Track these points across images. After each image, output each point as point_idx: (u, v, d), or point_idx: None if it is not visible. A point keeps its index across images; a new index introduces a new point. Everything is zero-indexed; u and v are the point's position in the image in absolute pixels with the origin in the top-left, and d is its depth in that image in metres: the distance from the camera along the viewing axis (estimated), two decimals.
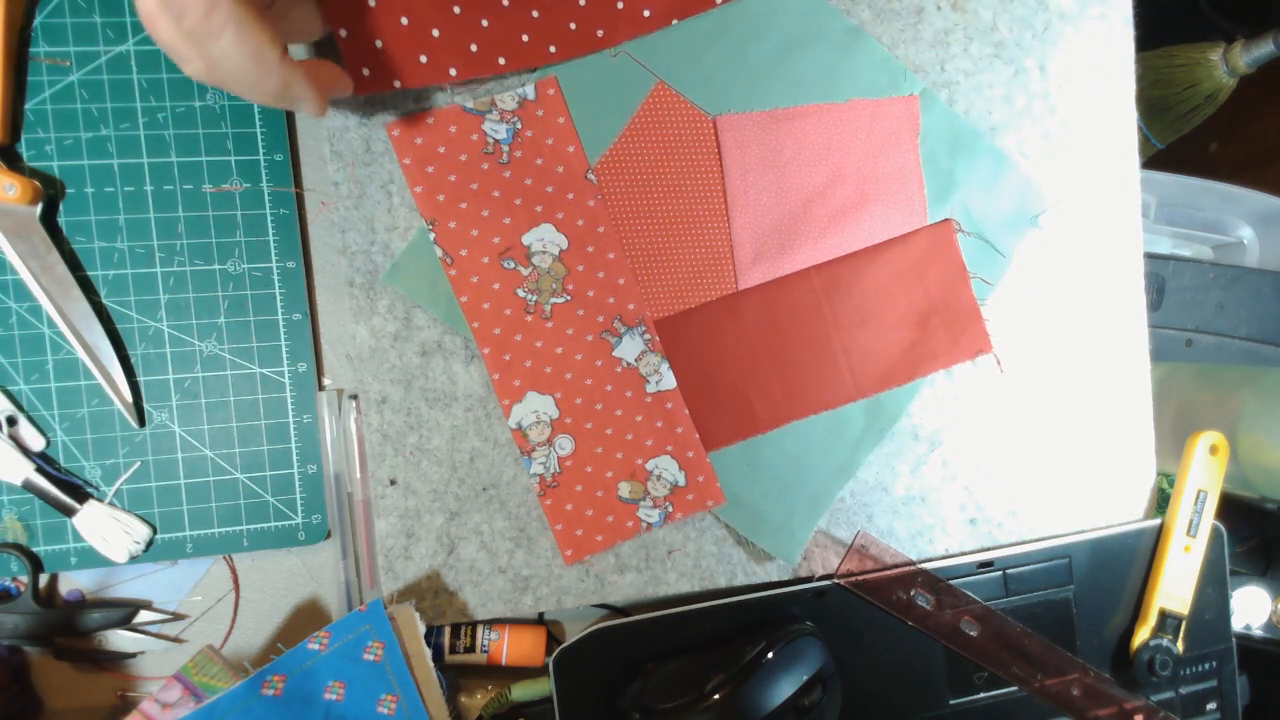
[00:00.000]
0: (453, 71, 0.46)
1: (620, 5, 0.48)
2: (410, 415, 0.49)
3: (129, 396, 0.47)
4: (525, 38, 0.47)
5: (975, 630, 0.52)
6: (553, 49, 0.48)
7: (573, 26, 0.48)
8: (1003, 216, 0.54)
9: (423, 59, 0.45)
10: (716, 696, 0.46)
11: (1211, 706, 0.56)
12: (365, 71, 0.44)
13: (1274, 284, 0.76)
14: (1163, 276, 0.74)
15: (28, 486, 0.46)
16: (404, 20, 0.44)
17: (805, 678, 0.47)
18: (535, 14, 0.47)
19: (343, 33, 0.43)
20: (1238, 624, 0.63)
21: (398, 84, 0.45)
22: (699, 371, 0.51)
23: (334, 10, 0.43)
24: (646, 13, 0.49)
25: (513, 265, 0.49)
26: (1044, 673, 0.52)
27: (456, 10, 0.46)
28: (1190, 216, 0.83)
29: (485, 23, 0.46)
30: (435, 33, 0.45)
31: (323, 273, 0.50)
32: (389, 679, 0.46)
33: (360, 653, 0.46)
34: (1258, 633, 0.64)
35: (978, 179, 0.53)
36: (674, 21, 0.49)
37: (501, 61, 0.47)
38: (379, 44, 0.44)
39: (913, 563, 0.52)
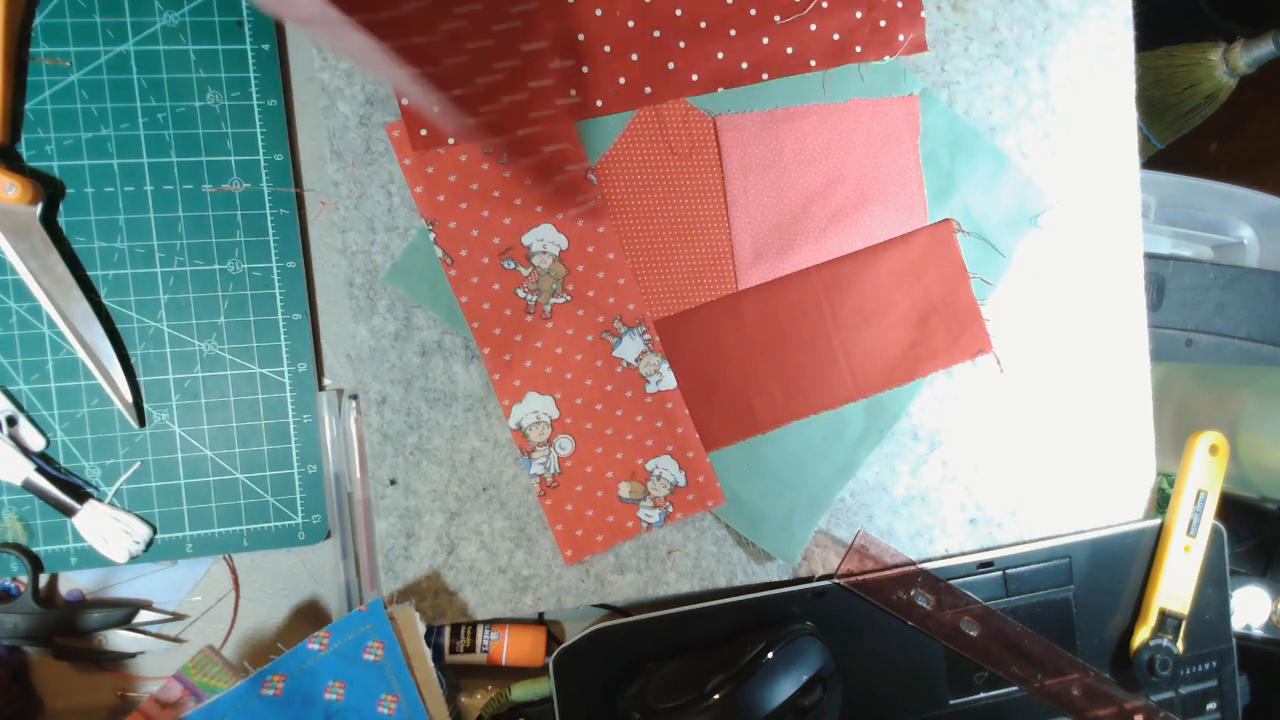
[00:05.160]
0: None
1: (671, 66, 0.49)
2: (410, 415, 0.49)
3: (129, 396, 0.47)
4: (573, 93, 0.49)
5: (975, 630, 0.52)
6: (599, 103, 0.49)
7: (622, 81, 0.49)
8: (1003, 216, 0.54)
9: (472, 120, 0.48)
10: (716, 696, 0.46)
11: (1211, 706, 0.56)
12: (423, 132, 0.48)
13: (1274, 284, 0.76)
14: (1163, 276, 0.74)
15: (28, 486, 0.46)
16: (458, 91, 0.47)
17: (805, 678, 0.47)
18: (585, 70, 0.48)
19: (404, 100, 0.47)
20: (1238, 624, 0.63)
21: (451, 141, 0.48)
22: (699, 371, 0.51)
23: (400, 82, 0.47)
24: (694, 76, 0.50)
25: (513, 265, 0.49)
26: (1044, 673, 0.52)
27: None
28: (1190, 216, 0.83)
29: (533, 84, 0.48)
30: None
31: (323, 273, 0.50)
32: (389, 679, 0.46)
33: (360, 653, 0.46)
34: (1258, 633, 0.64)
35: (978, 179, 0.53)
36: (719, 89, 0.50)
37: (549, 115, 0.48)
38: (436, 109, 0.47)
39: (913, 563, 0.52)
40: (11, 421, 0.47)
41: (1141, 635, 0.53)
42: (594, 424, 0.50)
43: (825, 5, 0.51)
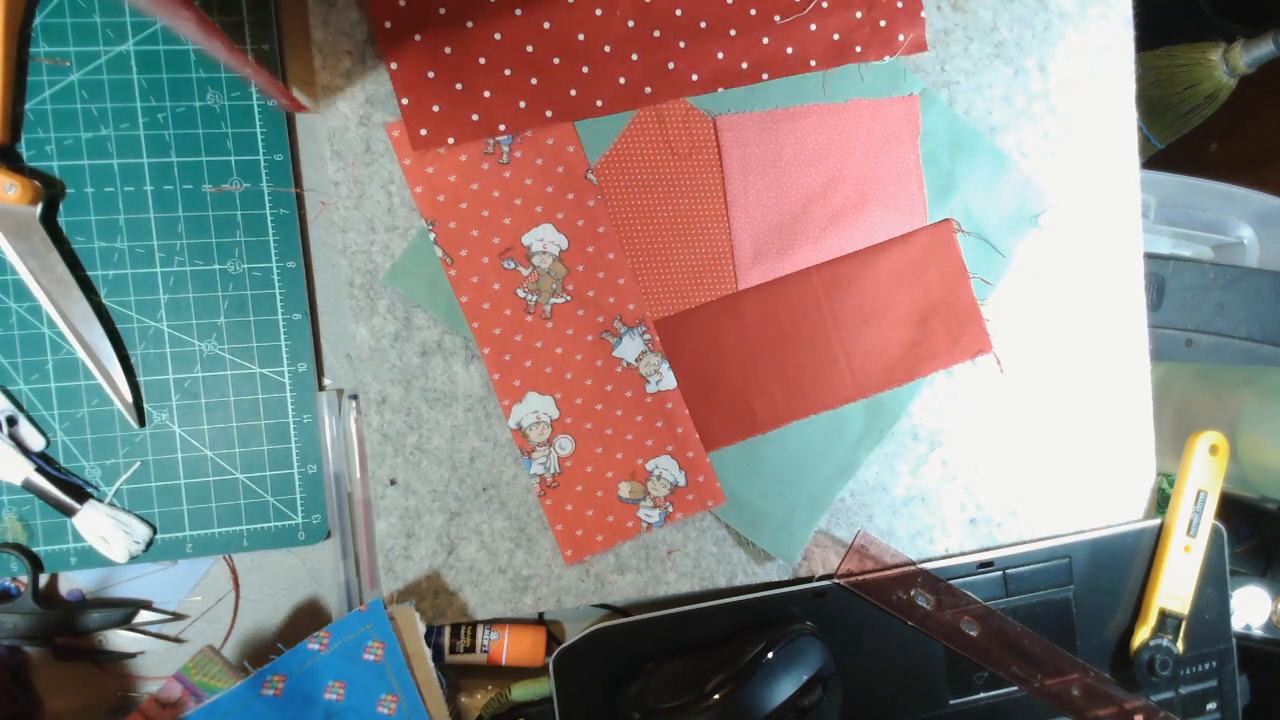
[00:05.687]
0: (502, 127, 0.48)
1: (671, 66, 0.49)
2: (410, 415, 0.49)
3: (129, 396, 0.47)
4: (573, 92, 0.49)
5: (975, 630, 0.52)
6: (599, 103, 0.49)
7: (622, 81, 0.49)
8: (1003, 216, 0.54)
9: (474, 118, 0.48)
10: (716, 696, 0.46)
11: (1211, 706, 0.56)
12: (423, 132, 0.47)
13: (1274, 284, 0.76)
14: (1163, 276, 0.74)
15: (28, 486, 0.46)
16: (458, 85, 0.47)
17: (805, 678, 0.47)
18: (585, 69, 0.48)
19: (404, 100, 0.47)
20: (1238, 624, 0.63)
21: (451, 140, 0.48)
22: (699, 371, 0.51)
23: (399, 81, 0.47)
24: (694, 76, 0.50)
25: (513, 265, 0.49)
26: (1044, 673, 0.52)
27: (507, 72, 0.48)
28: (1190, 216, 0.83)
29: (534, 80, 0.48)
30: (486, 93, 0.48)
31: (323, 273, 0.50)
32: (389, 679, 0.46)
33: (360, 653, 0.46)
34: (1258, 633, 0.64)
35: (978, 179, 0.53)
36: (719, 89, 0.50)
37: (549, 115, 0.49)
38: (436, 108, 0.47)
39: (913, 563, 0.52)
40: (11, 421, 0.47)
41: (1141, 635, 0.53)
42: (594, 424, 0.50)
43: (825, 5, 0.51)
